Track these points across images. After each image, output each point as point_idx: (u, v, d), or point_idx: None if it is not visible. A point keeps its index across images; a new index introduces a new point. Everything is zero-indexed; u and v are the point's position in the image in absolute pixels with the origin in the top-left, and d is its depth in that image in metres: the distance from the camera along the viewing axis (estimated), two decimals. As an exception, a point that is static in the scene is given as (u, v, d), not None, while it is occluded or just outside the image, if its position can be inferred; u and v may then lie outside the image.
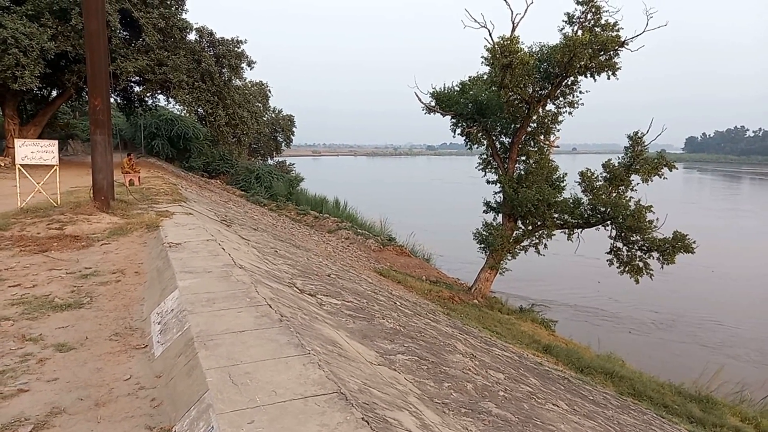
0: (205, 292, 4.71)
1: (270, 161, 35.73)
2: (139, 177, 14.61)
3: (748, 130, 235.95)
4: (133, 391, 3.24)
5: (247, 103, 26.71)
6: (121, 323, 4.34)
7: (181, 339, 3.76)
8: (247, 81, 29.97)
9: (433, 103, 18.62)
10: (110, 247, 6.73)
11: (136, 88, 24.57)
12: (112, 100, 21.46)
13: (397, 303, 8.70)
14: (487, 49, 17.05)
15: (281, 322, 4.14)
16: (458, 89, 18.46)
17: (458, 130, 18.88)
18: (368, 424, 2.81)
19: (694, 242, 15.73)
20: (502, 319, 14.53)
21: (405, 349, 5.25)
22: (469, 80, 18.59)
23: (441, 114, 18.70)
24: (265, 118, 32.26)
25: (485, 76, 18.16)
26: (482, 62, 17.52)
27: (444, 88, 18.60)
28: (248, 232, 10.16)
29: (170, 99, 24.55)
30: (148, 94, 24.41)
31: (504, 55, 16.23)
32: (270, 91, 33.39)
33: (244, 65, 24.28)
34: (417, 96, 18.48)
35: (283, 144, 36.36)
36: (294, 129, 36.05)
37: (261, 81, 33.48)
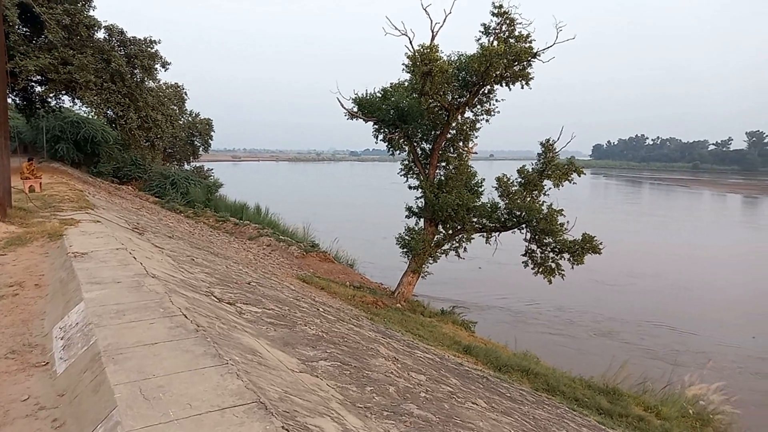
0: (114, 303, 4.45)
1: (187, 166, 34.35)
2: (40, 183, 13.60)
3: (647, 138, 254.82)
4: (32, 412, 3.00)
5: (162, 105, 25.58)
6: (18, 340, 4.01)
7: (86, 354, 3.53)
8: (161, 83, 28.71)
9: (355, 109, 18.71)
10: (6, 258, 6.21)
11: (38, 88, 22.85)
12: (9, 100, 19.85)
13: (320, 309, 8.63)
14: (407, 57, 17.37)
15: (197, 333, 3.99)
16: (380, 95, 18.67)
17: (380, 136, 19.07)
18: (288, 432, 2.77)
19: (600, 244, 16.74)
20: (425, 322, 14.78)
21: (328, 355, 5.21)
22: (390, 87, 18.85)
23: (363, 120, 18.82)
24: (181, 122, 30.98)
25: (406, 83, 18.50)
26: (403, 69, 17.83)
27: (366, 94, 18.75)
28: (162, 240, 9.73)
29: (76, 100, 23.04)
30: (51, 95, 22.76)
31: (424, 63, 16.60)
32: (186, 94, 32.19)
33: (158, 66, 23.24)
34: (339, 102, 18.52)
35: (200, 148, 35.09)
36: (212, 133, 34.91)
37: (176, 83, 32.22)
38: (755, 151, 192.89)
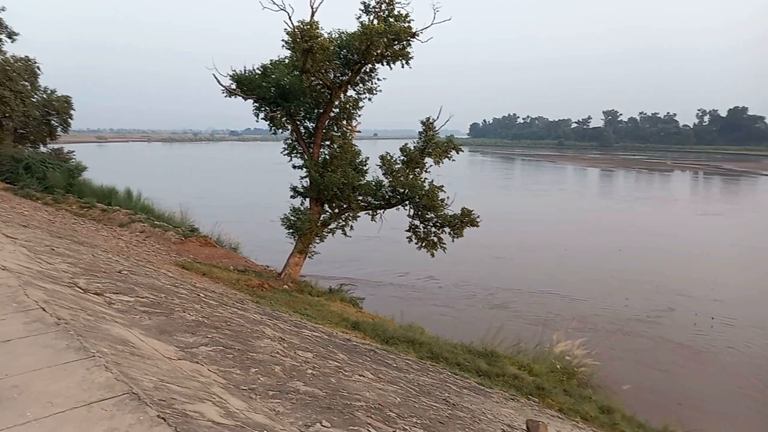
0: (-45, 300, 3.96)
1: (43, 149, 30.97)
2: None
3: (518, 117, 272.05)
4: None
5: (9, 80, 22.82)
6: None
7: None
8: (8, 56, 25.49)
9: (233, 86, 17.96)
10: None
11: None
12: None
13: (201, 295, 8.30)
14: (287, 33, 16.93)
15: (58, 326, 3.67)
16: (260, 72, 18.06)
17: (261, 115, 18.49)
18: (165, 420, 2.64)
19: (478, 217, 17.67)
20: (312, 301, 14.77)
21: (209, 340, 5.04)
22: (271, 63, 18.28)
23: (243, 98, 18.13)
24: (34, 99, 27.78)
25: (287, 60, 18.05)
26: (283, 45, 17.36)
27: (245, 71, 18.05)
28: (15, 230, 8.77)
29: None
30: None
31: (304, 40, 16.27)
32: (39, 68, 28.81)
33: (2, 36, 20.62)
34: (216, 78, 17.65)
35: (59, 129, 31.75)
36: (72, 112, 31.67)
37: (27, 56, 28.68)
38: (611, 128, 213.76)
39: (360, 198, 18.24)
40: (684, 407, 12.04)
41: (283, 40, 17.21)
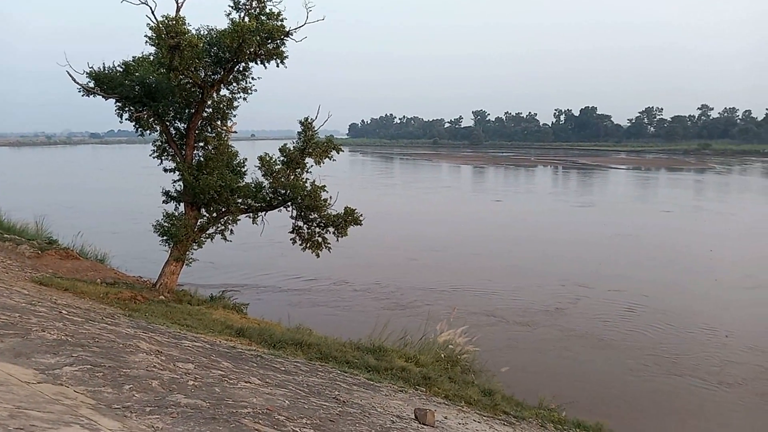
0: None
1: None
2: None
3: (395, 117, 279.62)
4: None
5: None
6: None
7: None
8: None
9: (92, 85, 16.53)
10: None
11: None
12: None
13: (64, 312, 7.55)
14: (150, 28, 15.91)
15: None
16: (122, 70, 16.79)
17: (125, 115, 17.20)
18: (22, 450, 2.36)
19: (361, 215, 17.87)
20: (192, 310, 14.05)
21: (74, 359, 4.59)
22: (134, 60, 17.07)
23: (103, 97, 16.75)
24: None
25: (152, 57, 16.97)
26: (146, 42, 16.29)
27: (104, 68, 16.68)
28: None
29: None
30: None
31: (170, 36, 15.40)
32: None
33: None
34: (70, 75, 16.13)
35: None
36: None
37: None
38: (480, 127, 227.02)
39: (240, 201, 17.64)
40: (562, 384, 13.04)
41: (146, 35, 16.16)
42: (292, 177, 17.86)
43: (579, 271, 23.79)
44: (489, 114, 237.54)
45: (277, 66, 17.50)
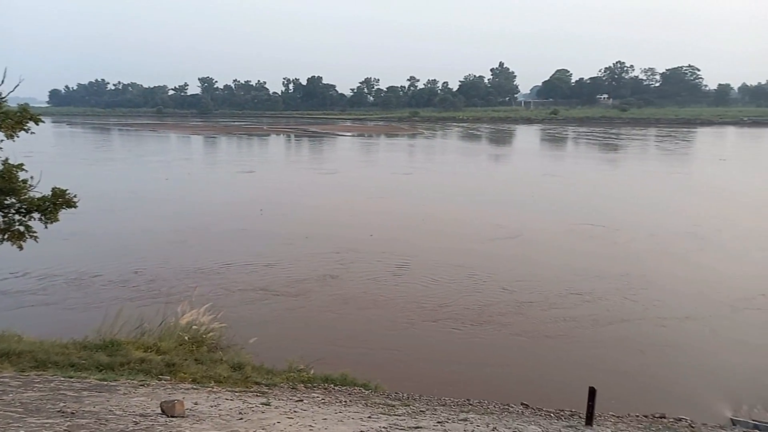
0: None
1: None
2: None
3: (109, 83, 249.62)
4: None
5: None
6: None
7: None
8: None
9: None
10: None
11: None
12: None
13: None
14: None
15: None
16: None
17: None
18: None
19: (75, 196, 15.53)
20: None
21: None
22: None
23: None
24: None
25: None
26: None
27: None
28: None
29: None
30: None
31: None
32: None
33: None
34: None
35: None
36: None
37: None
38: (208, 95, 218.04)
39: None
40: (314, 346, 13.42)
41: None
42: (-25, 155, 14.55)
43: (352, 237, 24.25)
44: (217, 81, 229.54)
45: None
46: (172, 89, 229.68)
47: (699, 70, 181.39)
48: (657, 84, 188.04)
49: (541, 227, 26.33)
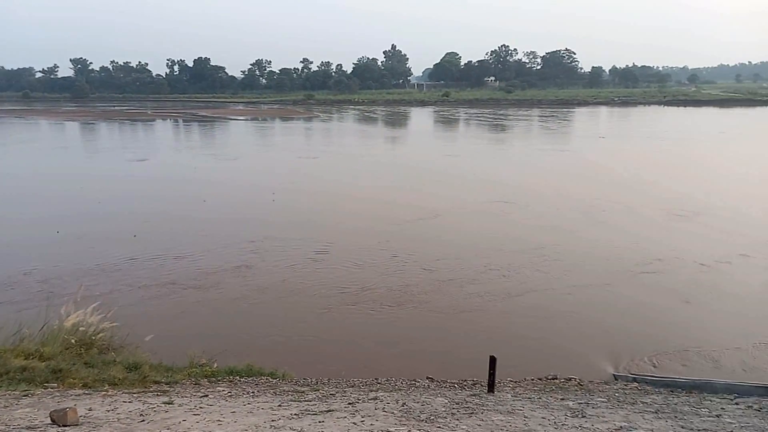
0: None
1: None
2: None
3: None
4: None
5: None
6: None
7: None
8: None
9: None
10: None
11: None
12: None
13: None
14: None
15: None
16: None
17: None
18: None
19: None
20: None
21: None
22: None
23: None
24: None
25: None
26: None
27: None
28: None
29: None
30: None
31: None
32: None
33: None
34: None
35: None
36: None
37: None
38: (83, 78, 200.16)
39: None
40: (217, 338, 12.78)
41: None
42: None
43: (269, 222, 23.51)
44: (92, 63, 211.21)
45: None
46: (39, 71, 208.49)
47: (575, 54, 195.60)
48: (538, 67, 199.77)
49: (456, 206, 26.84)
